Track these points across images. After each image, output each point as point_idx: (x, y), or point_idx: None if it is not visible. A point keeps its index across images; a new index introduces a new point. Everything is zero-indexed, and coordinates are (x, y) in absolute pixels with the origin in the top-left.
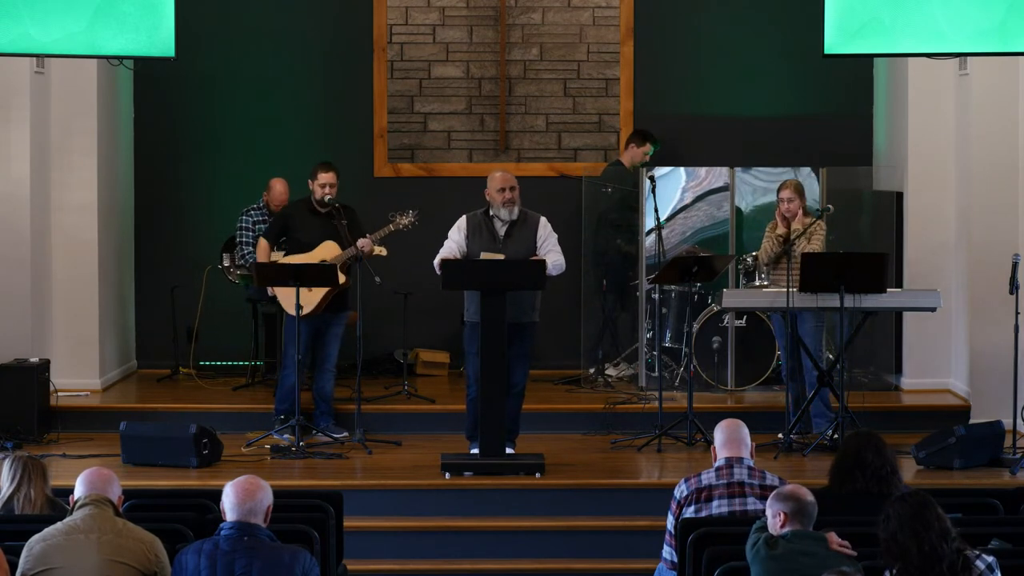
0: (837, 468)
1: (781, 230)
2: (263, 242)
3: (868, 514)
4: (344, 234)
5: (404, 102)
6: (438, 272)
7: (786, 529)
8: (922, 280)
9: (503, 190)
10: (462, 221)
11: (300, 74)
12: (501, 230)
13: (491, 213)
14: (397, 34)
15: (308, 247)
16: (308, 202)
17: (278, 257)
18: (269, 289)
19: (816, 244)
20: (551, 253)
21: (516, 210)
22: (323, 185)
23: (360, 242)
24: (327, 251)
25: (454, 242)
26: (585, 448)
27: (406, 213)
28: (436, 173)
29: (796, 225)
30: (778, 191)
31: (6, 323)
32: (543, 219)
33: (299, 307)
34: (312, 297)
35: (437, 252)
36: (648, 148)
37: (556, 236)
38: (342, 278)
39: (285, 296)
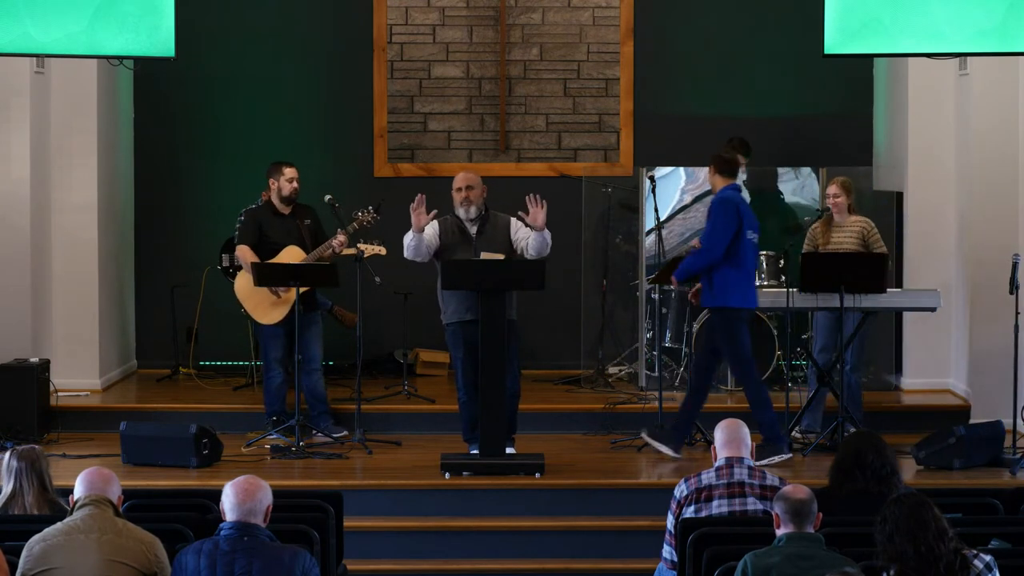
0: (837, 468)
1: (819, 228)
2: (245, 248)
3: (868, 514)
4: (307, 234)
5: (404, 102)
6: (406, 253)
7: (781, 531)
8: (922, 280)
9: (460, 189)
10: (433, 223)
11: (300, 74)
12: (472, 229)
13: (458, 213)
14: (397, 34)
15: (276, 249)
16: (270, 205)
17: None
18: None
19: (880, 245)
20: (532, 238)
21: (474, 209)
22: (290, 180)
23: (339, 238)
24: (290, 256)
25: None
26: (585, 448)
27: (366, 210)
28: (436, 173)
29: (843, 222)
30: (826, 188)
31: (6, 323)
32: (513, 219)
33: (298, 305)
34: (281, 308)
35: None
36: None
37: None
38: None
39: (254, 305)
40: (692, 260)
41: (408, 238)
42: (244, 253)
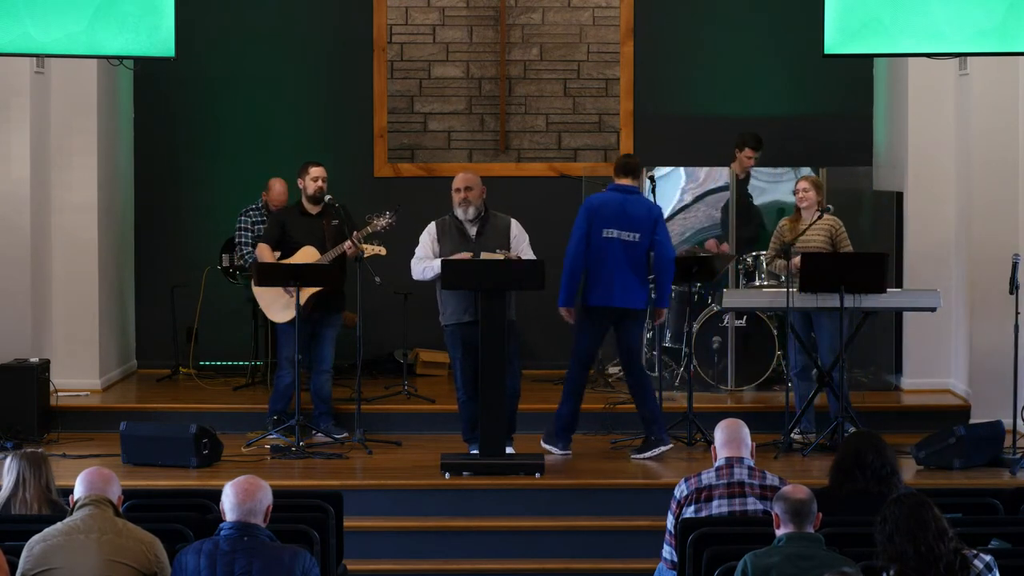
0: (837, 468)
1: (787, 225)
2: (264, 246)
3: (868, 514)
4: (331, 235)
5: (404, 102)
6: (415, 277)
7: (781, 531)
8: (922, 280)
9: (458, 190)
10: (431, 226)
11: (300, 74)
12: (472, 230)
13: (456, 214)
14: (397, 34)
15: (294, 248)
16: (299, 204)
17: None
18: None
19: (847, 245)
20: (525, 252)
21: (472, 210)
22: (316, 179)
23: (345, 244)
24: (305, 257)
25: (426, 247)
26: (585, 448)
27: (383, 215)
28: (436, 173)
29: (810, 219)
30: (795, 184)
31: (6, 323)
32: (513, 221)
33: (299, 306)
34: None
35: None
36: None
37: (527, 237)
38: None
39: (268, 303)
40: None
41: (431, 268)
42: (261, 251)
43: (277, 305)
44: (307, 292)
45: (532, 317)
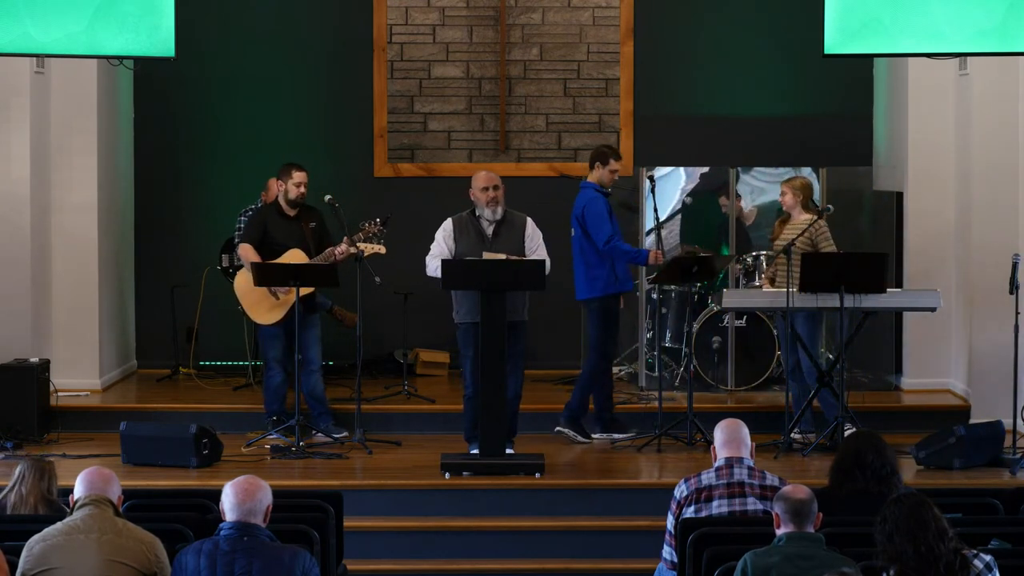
0: (837, 468)
1: (777, 227)
2: (247, 247)
3: (868, 514)
4: (311, 238)
5: (404, 102)
6: (428, 274)
7: (781, 531)
8: (922, 280)
9: (487, 189)
10: (448, 224)
11: (300, 74)
12: (489, 230)
13: (477, 214)
14: (397, 34)
15: (278, 251)
16: (276, 205)
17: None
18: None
19: (828, 245)
20: (539, 251)
21: (500, 209)
22: (298, 184)
23: (340, 248)
24: (293, 260)
25: (441, 245)
26: (585, 448)
27: (374, 222)
28: (436, 173)
29: (795, 220)
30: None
31: (6, 323)
32: (529, 219)
33: (298, 303)
34: (279, 309)
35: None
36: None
37: (541, 234)
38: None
39: (252, 304)
40: None
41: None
42: (246, 252)
43: (263, 307)
44: (289, 300)
45: (532, 317)
